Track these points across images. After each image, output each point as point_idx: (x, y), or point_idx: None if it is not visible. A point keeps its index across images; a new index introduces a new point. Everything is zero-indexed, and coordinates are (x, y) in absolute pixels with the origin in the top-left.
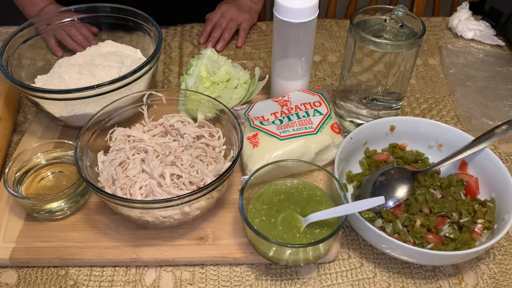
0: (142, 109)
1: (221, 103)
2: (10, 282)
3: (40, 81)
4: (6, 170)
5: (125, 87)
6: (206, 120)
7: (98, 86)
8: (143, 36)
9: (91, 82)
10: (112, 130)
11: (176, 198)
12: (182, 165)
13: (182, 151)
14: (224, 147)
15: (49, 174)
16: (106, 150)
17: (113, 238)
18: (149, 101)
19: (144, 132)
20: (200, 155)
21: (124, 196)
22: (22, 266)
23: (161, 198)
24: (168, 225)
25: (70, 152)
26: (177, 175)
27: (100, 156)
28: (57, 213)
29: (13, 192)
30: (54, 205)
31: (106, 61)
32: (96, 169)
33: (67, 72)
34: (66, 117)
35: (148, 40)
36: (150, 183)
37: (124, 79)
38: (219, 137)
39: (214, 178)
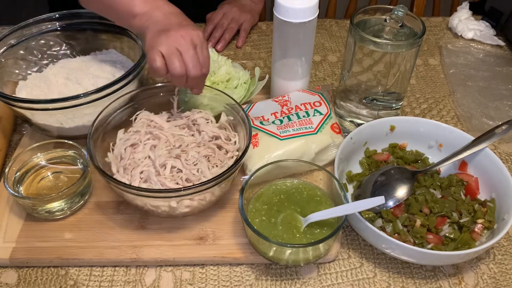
0: (173, 99)
1: (233, 99)
2: (10, 282)
3: (23, 86)
4: (6, 170)
5: (103, 99)
6: (227, 123)
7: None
8: (133, 43)
9: (77, 90)
10: (139, 112)
11: (163, 191)
12: (186, 160)
13: (193, 147)
14: (237, 153)
15: (49, 174)
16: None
17: (113, 238)
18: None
19: (168, 121)
20: (210, 155)
21: (123, 179)
22: (22, 266)
23: (154, 187)
24: (158, 213)
25: (70, 152)
26: (178, 169)
27: (120, 133)
28: (57, 213)
29: (13, 192)
30: (54, 205)
31: (99, 71)
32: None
33: (55, 76)
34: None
35: (136, 47)
36: (149, 170)
37: (101, 92)
38: (234, 142)
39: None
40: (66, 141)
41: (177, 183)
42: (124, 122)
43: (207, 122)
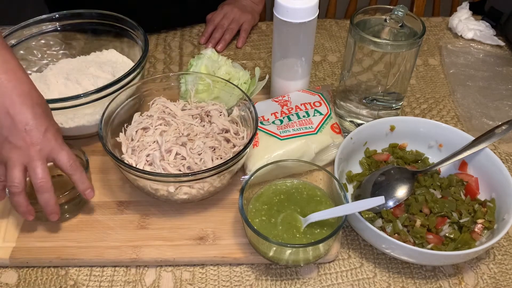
0: (191, 89)
1: (245, 93)
2: (10, 282)
3: None
4: None
5: (103, 99)
6: (238, 118)
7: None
8: (133, 43)
9: (77, 90)
10: (157, 98)
11: (161, 174)
12: (191, 149)
13: (201, 137)
14: None
15: None
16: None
17: (113, 238)
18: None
19: (182, 110)
20: (216, 147)
21: (130, 160)
22: (22, 266)
23: (156, 171)
24: (158, 197)
25: None
26: (182, 156)
27: (136, 115)
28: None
29: None
30: None
31: (99, 71)
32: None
33: (55, 76)
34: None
35: (136, 47)
36: (154, 154)
37: (100, 92)
38: (243, 137)
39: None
40: None
41: (179, 170)
42: (137, 108)
43: (220, 115)
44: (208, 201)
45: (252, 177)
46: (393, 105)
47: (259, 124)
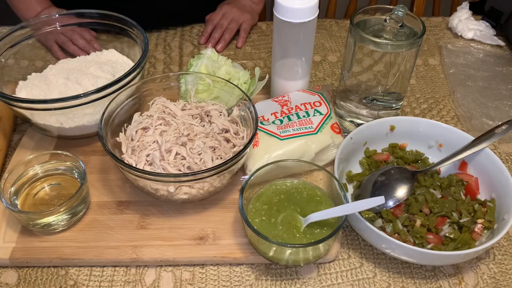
0: (191, 89)
1: (245, 93)
2: (10, 282)
3: (23, 86)
4: (2, 183)
5: (103, 99)
6: (238, 117)
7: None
8: (133, 43)
9: (77, 90)
10: (157, 98)
11: (161, 174)
12: (191, 149)
13: (201, 137)
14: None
15: (45, 186)
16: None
17: (113, 238)
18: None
19: (182, 110)
20: (216, 147)
21: (130, 160)
22: (22, 266)
23: (156, 171)
24: (158, 197)
25: (68, 163)
26: (182, 156)
27: (136, 115)
28: (55, 227)
29: (10, 206)
30: (51, 219)
31: (99, 71)
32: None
33: (55, 76)
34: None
35: (136, 47)
36: (154, 154)
37: (99, 92)
38: (243, 137)
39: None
40: (62, 152)
41: (179, 170)
42: (136, 108)
43: (220, 115)
44: (208, 201)
45: (252, 177)
46: (393, 105)
47: (259, 124)
